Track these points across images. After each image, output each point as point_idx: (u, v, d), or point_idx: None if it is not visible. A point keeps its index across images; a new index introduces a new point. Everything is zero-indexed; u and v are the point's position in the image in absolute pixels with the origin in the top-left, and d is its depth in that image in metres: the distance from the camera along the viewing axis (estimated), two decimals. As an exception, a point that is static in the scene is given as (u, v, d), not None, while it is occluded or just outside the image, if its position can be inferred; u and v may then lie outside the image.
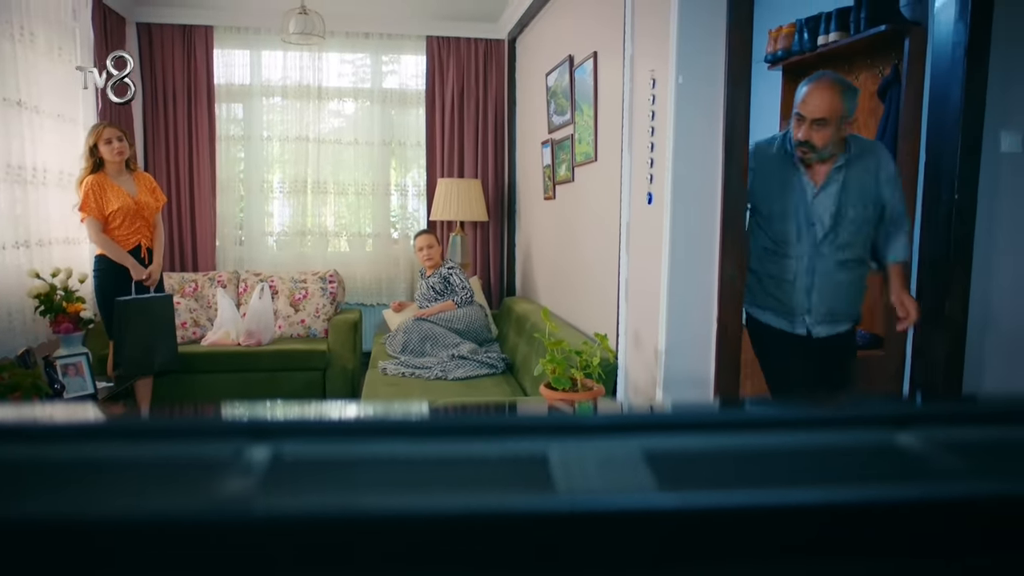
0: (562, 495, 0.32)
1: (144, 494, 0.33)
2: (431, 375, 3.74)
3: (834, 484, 0.34)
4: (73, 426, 0.40)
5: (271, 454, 0.35)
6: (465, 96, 5.36)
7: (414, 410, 0.44)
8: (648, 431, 0.37)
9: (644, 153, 2.71)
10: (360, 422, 0.41)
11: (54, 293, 3.61)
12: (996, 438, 0.40)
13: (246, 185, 5.35)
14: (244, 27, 5.16)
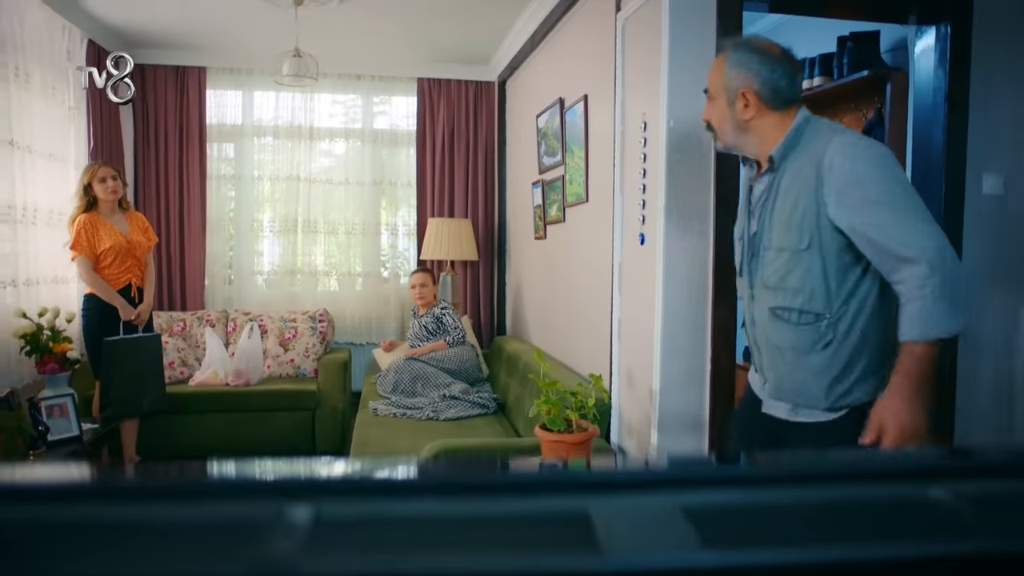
0: (607, 554, 0.32)
1: (184, 558, 0.33)
2: (422, 415, 3.71)
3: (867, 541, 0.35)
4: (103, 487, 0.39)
5: (311, 514, 0.35)
6: (456, 137, 5.43)
7: (453, 467, 0.44)
8: (682, 487, 0.38)
9: (636, 195, 2.74)
10: (400, 481, 0.41)
11: (40, 333, 3.57)
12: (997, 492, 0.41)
13: (236, 224, 5.36)
14: (237, 68, 5.22)
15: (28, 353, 3.54)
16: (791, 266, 1.64)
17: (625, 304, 2.88)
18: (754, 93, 1.68)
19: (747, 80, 1.69)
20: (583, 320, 3.55)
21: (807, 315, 1.64)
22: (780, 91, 1.68)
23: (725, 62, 1.72)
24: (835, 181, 1.56)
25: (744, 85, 1.69)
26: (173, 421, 4.28)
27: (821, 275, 1.61)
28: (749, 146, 1.74)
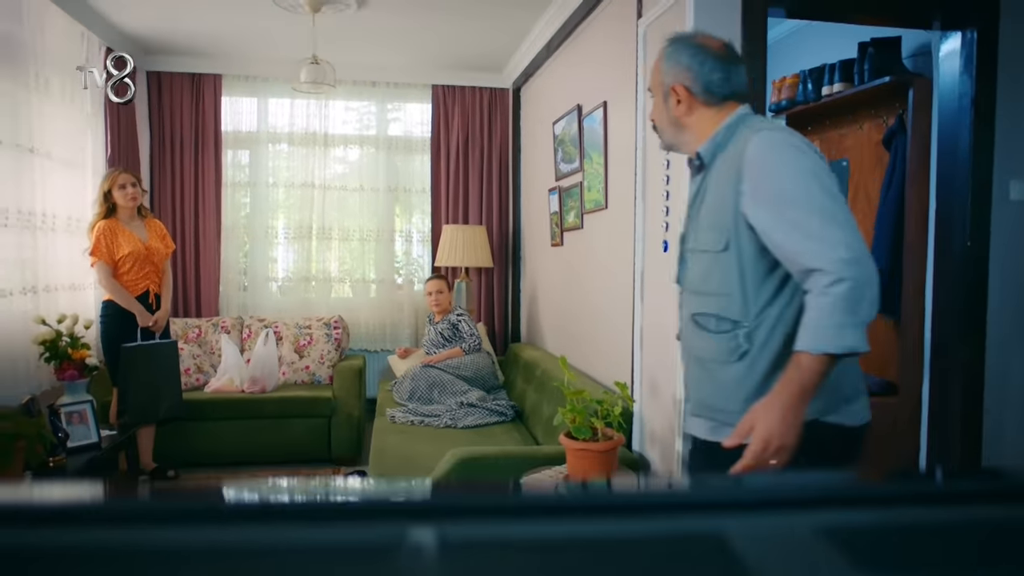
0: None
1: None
2: (440, 423, 3.69)
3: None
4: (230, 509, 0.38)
5: (436, 537, 0.33)
6: (470, 143, 5.43)
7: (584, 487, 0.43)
8: (820, 506, 0.36)
9: (659, 201, 2.73)
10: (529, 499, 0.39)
11: (59, 339, 3.58)
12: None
13: (250, 231, 5.36)
14: (252, 75, 5.24)
15: (47, 360, 3.54)
16: (710, 269, 1.56)
17: (648, 311, 2.86)
18: (685, 88, 1.62)
19: (678, 75, 1.63)
20: (602, 327, 3.54)
21: (724, 322, 1.54)
22: (713, 85, 1.60)
23: (660, 58, 1.66)
24: (751, 176, 1.48)
25: (675, 80, 1.63)
26: (189, 428, 4.28)
27: (738, 280, 1.52)
28: (686, 144, 1.66)
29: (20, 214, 3.53)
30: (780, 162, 1.47)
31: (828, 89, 3.48)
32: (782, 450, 1.38)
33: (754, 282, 1.51)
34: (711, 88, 1.60)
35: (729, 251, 1.52)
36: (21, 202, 3.53)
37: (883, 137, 3.36)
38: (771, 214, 1.45)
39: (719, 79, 1.60)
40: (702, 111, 1.63)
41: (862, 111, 3.50)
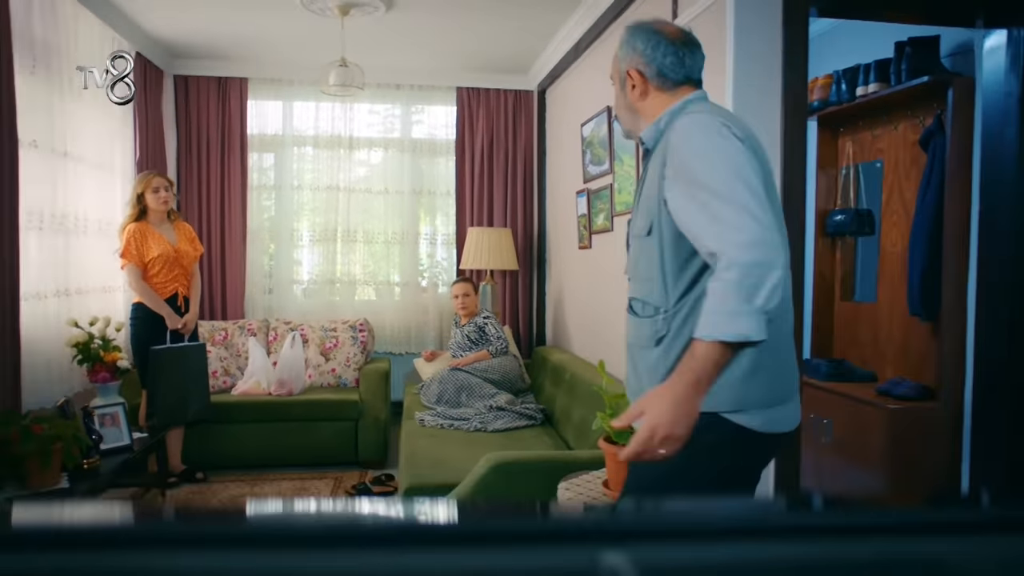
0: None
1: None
2: (470, 427, 3.68)
3: None
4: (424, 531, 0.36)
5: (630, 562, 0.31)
6: (495, 146, 5.41)
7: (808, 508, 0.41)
8: None
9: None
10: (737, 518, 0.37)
11: (91, 342, 3.60)
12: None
13: (275, 234, 5.38)
14: (278, 79, 5.25)
15: (80, 362, 3.56)
16: (639, 254, 1.57)
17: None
18: (639, 72, 1.62)
19: (633, 59, 1.63)
20: (633, 330, 3.50)
21: (648, 307, 1.53)
22: (666, 69, 1.60)
23: (619, 45, 1.67)
24: (671, 158, 1.46)
25: (630, 65, 1.63)
26: (216, 430, 4.29)
27: (659, 265, 1.50)
28: (641, 130, 1.65)
29: (53, 217, 3.55)
30: (697, 144, 1.44)
31: (863, 90, 3.43)
32: (669, 439, 1.31)
33: (673, 267, 1.49)
34: (664, 72, 1.61)
35: (652, 236, 1.51)
36: (55, 205, 3.56)
37: (920, 138, 3.31)
38: (683, 195, 1.42)
39: (672, 63, 1.60)
40: (655, 95, 1.63)
41: (898, 112, 3.45)
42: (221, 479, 4.20)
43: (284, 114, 5.36)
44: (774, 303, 1.30)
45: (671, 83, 1.61)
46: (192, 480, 4.15)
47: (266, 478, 4.22)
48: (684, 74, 1.62)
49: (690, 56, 1.62)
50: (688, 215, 1.40)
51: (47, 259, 3.50)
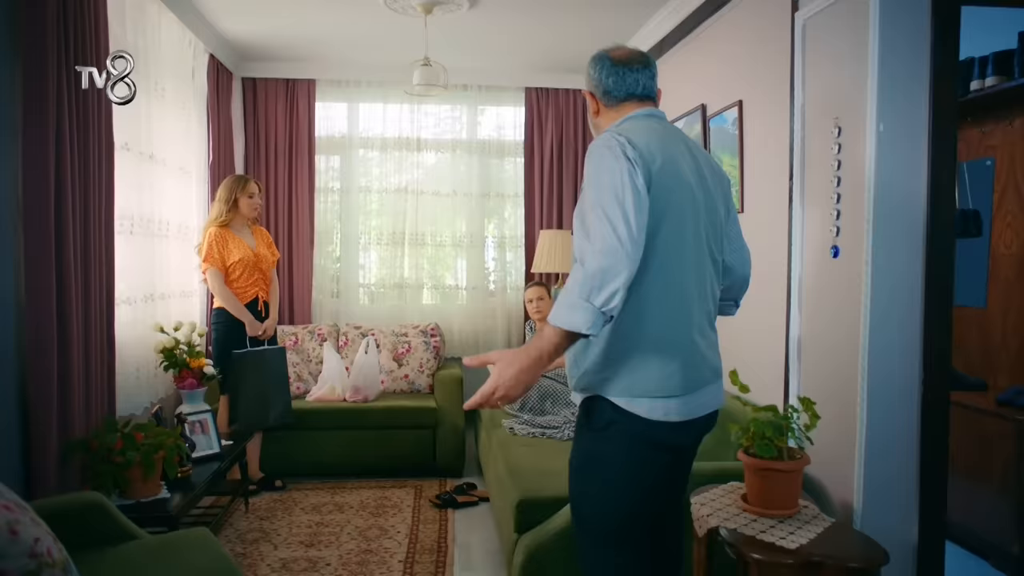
0: None
1: None
2: (562, 435, 3.57)
3: None
4: None
5: None
6: (564, 147, 5.31)
7: None
8: None
9: (825, 204, 2.57)
10: None
11: (176, 348, 3.54)
12: None
13: (342, 237, 5.31)
14: (345, 80, 5.20)
15: (166, 368, 3.51)
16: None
17: (807, 322, 2.70)
18: (591, 94, 1.89)
19: (588, 83, 1.89)
20: (734, 337, 3.37)
21: None
22: (609, 88, 1.83)
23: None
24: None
25: (587, 88, 1.91)
26: (293, 437, 4.23)
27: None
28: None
29: (141, 221, 3.50)
30: (590, 163, 1.66)
31: (979, 83, 3.28)
32: (505, 398, 1.60)
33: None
34: (608, 91, 1.84)
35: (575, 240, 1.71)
36: (141, 208, 3.51)
37: (1042, 135, 3.15)
38: (577, 207, 1.68)
39: (614, 82, 1.82)
40: (605, 113, 1.88)
41: (1018, 106, 3.29)
42: (300, 487, 4.13)
43: (350, 116, 5.30)
44: (612, 305, 1.51)
45: (616, 100, 1.84)
46: (271, 488, 4.08)
47: (345, 487, 4.14)
48: (626, 91, 1.83)
49: (632, 74, 1.82)
50: (575, 223, 1.68)
51: (136, 263, 3.46)
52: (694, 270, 1.75)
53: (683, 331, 1.72)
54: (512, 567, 2.62)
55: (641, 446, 1.72)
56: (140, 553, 2.15)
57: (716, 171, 1.90)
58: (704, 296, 1.79)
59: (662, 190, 1.66)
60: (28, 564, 1.66)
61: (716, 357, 1.86)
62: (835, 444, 2.47)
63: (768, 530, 2.10)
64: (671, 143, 1.75)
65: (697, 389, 1.75)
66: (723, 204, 1.88)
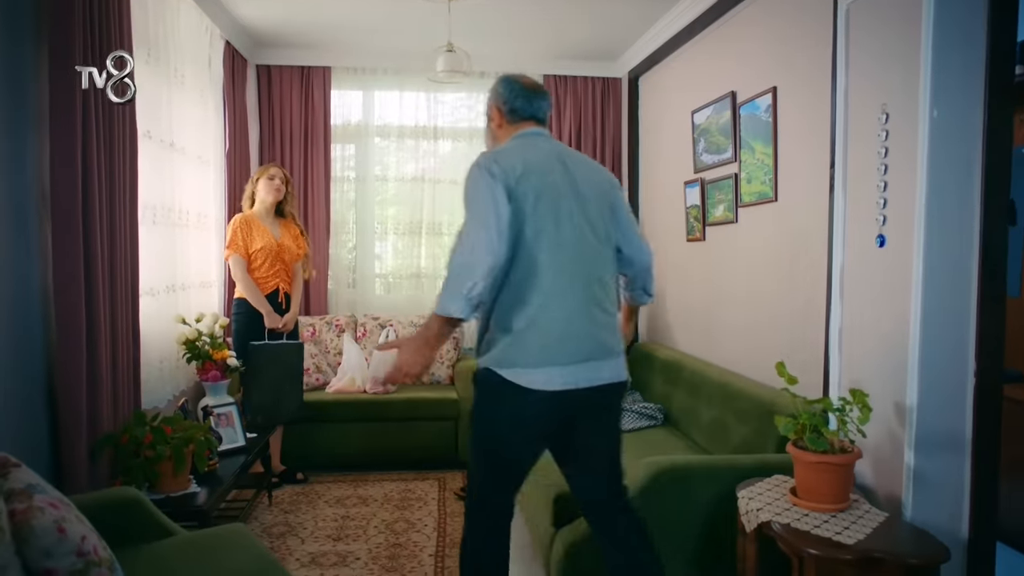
0: None
1: None
2: (590, 427, 3.52)
3: None
4: None
5: None
6: (583, 135, 5.24)
7: None
8: None
9: (870, 192, 2.51)
10: None
11: (199, 339, 3.49)
12: None
13: (358, 226, 5.25)
14: (360, 67, 5.12)
15: (189, 359, 3.46)
16: None
17: (849, 311, 2.65)
18: (498, 109, 2.24)
19: (496, 99, 2.25)
20: (765, 327, 3.33)
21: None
22: (516, 108, 2.20)
23: (490, 90, 2.27)
24: None
25: (493, 102, 2.26)
26: (313, 430, 4.18)
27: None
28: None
29: (162, 210, 3.44)
30: (467, 181, 2.04)
31: (1021, 69, 3.21)
32: (408, 375, 2.03)
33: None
34: (515, 110, 2.21)
35: None
36: (163, 198, 3.45)
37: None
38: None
39: (520, 104, 2.20)
40: (507, 127, 2.23)
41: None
42: (321, 480, 4.09)
43: (365, 104, 5.23)
44: (475, 293, 1.90)
45: (519, 118, 2.21)
46: (293, 481, 4.05)
47: (367, 479, 4.11)
48: (530, 113, 2.21)
49: (537, 100, 2.23)
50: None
51: (158, 254, 3.40)
52: (568, 262, 2.04)
53: (555, 313, 2.01)
54: (550, 562, 2.59)
55: (520, 412, 2.04)
56: (179, 550, 2.10)
57: (599, 180, 2.21)
58: (588, 283, 2.07)
59: (525, 198, 2.00)
60: (76, 563, 1.61)
61: (607, 335, 2.10)
62: (882, 437, 2.42)
63: (822, 525, 2.06)
64: (544, 158, 2.10)
65: (574, 363, 2.03)
66: (608, 206, 2.19)
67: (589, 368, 2.04)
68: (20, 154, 2.36)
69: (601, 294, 2.09)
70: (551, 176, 2.07)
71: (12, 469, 1.76)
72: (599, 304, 2.09)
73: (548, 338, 1.99)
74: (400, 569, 2.97)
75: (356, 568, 2.98)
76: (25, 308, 2.39)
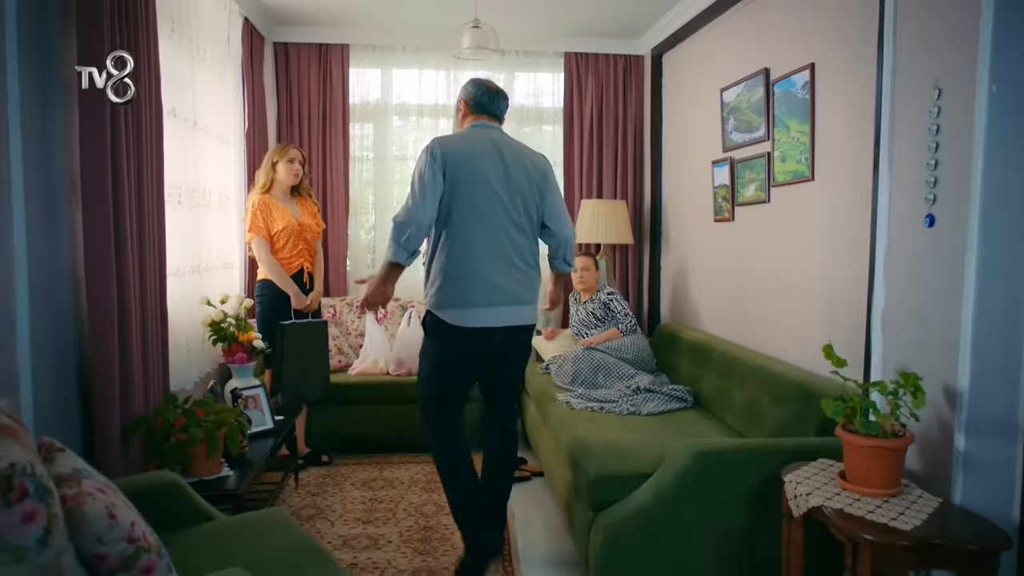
0: None
1: None
2: (621, 409, 3.49)
3: None
4: None
5: None
6: (604, 113, 5.16)
7: None
8: None
9: (919, 171, 2.45)
10: None
11: (224, 320, 3.46)
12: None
13: (377, 207, 5.19)
14: (379, 45, 5.04)
15: (215, 341, 3.43)
16: None
17: (893, 292, 2.59)
18: (466, 102, 2.87)
19: (465, 95, 2.88)
20: (798, 308, 3.28)
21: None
22: (481, 104, 2.84)
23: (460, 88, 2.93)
24: None
25: (462, 97, 2.89)
26: (337, 412, 4.16)
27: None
28: None
29: (187, 190, 3.39)
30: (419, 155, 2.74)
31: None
32: (371, 304, 2.79)
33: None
34: (479, 104, 2.85)
35: None
36: (187, 177, 3.39)
37: None
38: None
39: (486, 101, 2.85)
40: (469, 116, 2.86)
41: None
42: (346, 462, 4.07)
43: (383, 82, 5.15)
44: (409, 244, 2.63)
45: (480, 111, 2.84)
46: (317, 463, 4.03)
47: (392, 461, 4.09)
48: (489, 109, 2.85)
49: (497, 101, 2.89)
50: None
51: (183, 234, 3.35)
52: (487, 229, 2.65)
53: (473, 267, 2.63)
54: (590, 544, 2.56)
55: (448, 342, 2.72)
56: (222, 535, 2.08)
57: (529, 166, 2.79)
58: (502, 246, 2.68)
59: (457, 176, 2.63)
60: (127, 549, 1.58)
61: (516, 287, 2.71)
62: (929, 420, 2.38)
63: (875, 510, 2.02)
64: (484, 146, 2.72)
65: (487, 307, 2.65)
66: (535, 188, 2.78)
67: (499, 312, 2.67)
68: (49, 134, 2.31)
69: (515, 255, 2.70)
70: (484, 160, 2.68)
71: (57, 453, 1.73)
72: (511, 262, 2.69)
73: (466, 287, 2.62)
74: (433, 552, 2.95)
75: (388, 551, 2.96)
76: (56, 290, 2.35)
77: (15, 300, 2.12)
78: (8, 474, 1.35)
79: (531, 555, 2.97)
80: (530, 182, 2.75)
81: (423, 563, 2.86)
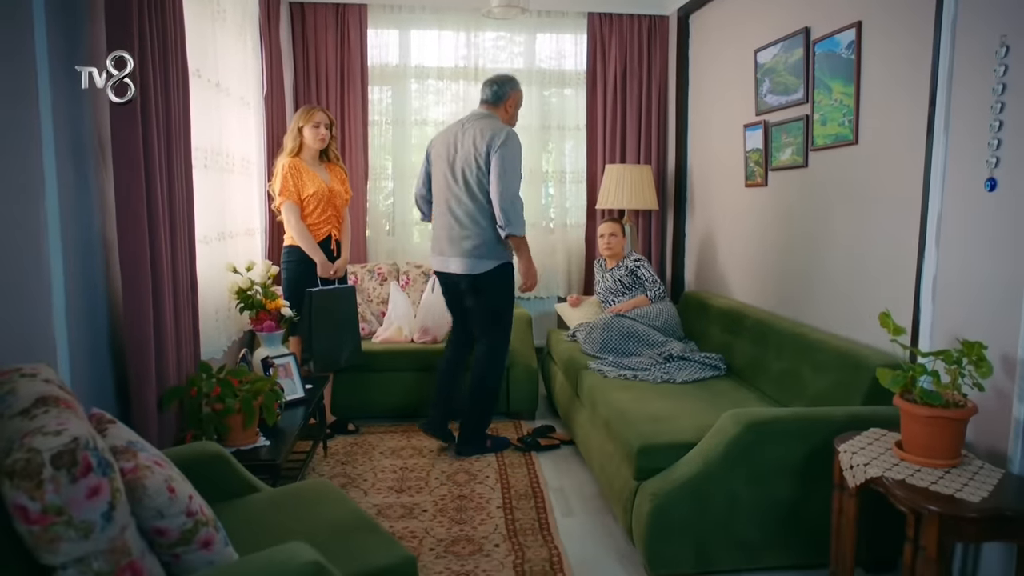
0: None
1: None
2: (654, 377, 3.44)
3: None
4: None
5: None
6: (628, 76, 5.04)
7: None
8: None
9: (980, 133, 2.36)
10: None
11: (251, 288, 3.40)
12: None
13: (396, 172, 5.10)
14: (397, 5, 4.90)
15: (242, 309, 3.37)
16: None
17: (946, 259, 2.52)
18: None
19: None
20: (846, 275, 3.21)
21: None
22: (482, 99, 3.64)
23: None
24: None
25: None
26: (362, 379, 4.12)
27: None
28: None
29: (212, 154, 3.30)
30: None
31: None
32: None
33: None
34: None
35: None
36: (210, 141, 3.30)
37: None
38: None
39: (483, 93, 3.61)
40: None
41: None
42: (372, 430, 4.04)
43: (402, 44, 5.02)
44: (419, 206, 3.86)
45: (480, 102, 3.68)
46: (344, 431, 4.00)
47: (418, 429, 4.05)
48: (481, 98, 3.62)
49: (484, 87, 3.60)
50: None
51: (209, 199, 3.27)
52: (444, 197, 3.53)
53: (439, 226, 3.59)
54: (635, 513, 2.53)
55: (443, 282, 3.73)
56: (271, 506, 2.04)
57: (475, 145, 3.41)
58: (451, 210, 3.51)
59: (430, 158, 3.65)
60: (186, 523, 1.54)
61: (458, 242, 3.49)
62: (987, 389, 2.32)
63: (938, 481, 1.98)
64: (451, 132, 3.57)
65: (440, 256, 3.60)
66: (482, 164, 3.40)
67: (447, 261, 3.55)
68: (76, 98, 2.22)
69: (461, 216, 3.47)
70: (445, 144, 3.54)
71: (108, 425, 1.68)
72: (458, 222, 3.48)
73: (433, 243, 3.64)
74: (470, 521, 2.93)
75: (424, 520, 2.93)
76: (88, 257, 2.28)
77: (50, 267, 2.06)
78: (72, 448, 1.30)
79: (567, 523, 2.94)
80: (474, 160, 3.40)
81: (461, 532, 2.83)
